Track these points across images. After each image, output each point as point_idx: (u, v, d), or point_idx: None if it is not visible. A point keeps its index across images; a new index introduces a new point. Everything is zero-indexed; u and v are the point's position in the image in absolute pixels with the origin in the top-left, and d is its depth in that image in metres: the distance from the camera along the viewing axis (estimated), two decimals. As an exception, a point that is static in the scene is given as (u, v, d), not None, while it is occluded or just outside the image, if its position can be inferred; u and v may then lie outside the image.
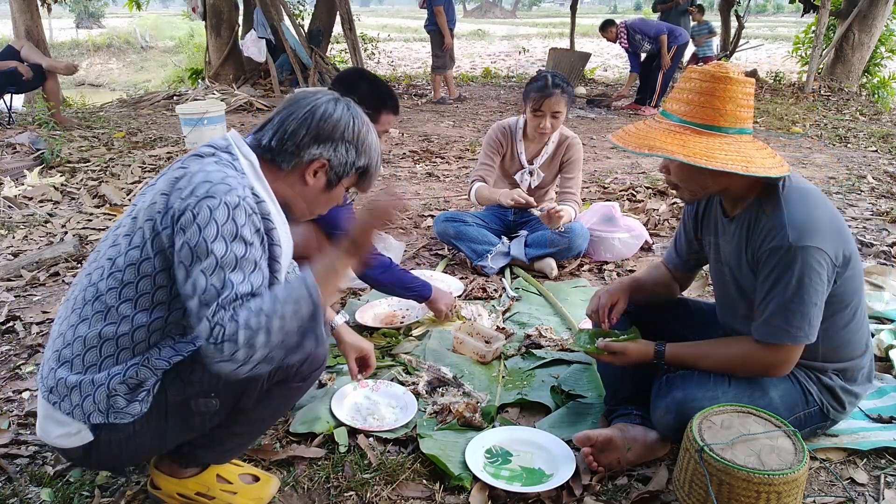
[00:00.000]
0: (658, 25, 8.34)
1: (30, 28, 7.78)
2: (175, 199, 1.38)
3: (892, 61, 10.40)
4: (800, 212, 1.61)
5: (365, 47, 11.90)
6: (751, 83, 1.61)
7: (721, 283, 1.88)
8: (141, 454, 1.56)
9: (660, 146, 1.60)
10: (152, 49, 21.63)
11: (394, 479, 1.81)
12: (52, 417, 1.47)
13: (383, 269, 2.49)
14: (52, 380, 1.45)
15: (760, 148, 1.63)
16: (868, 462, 1.88)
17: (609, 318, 1.99)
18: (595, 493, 1.77)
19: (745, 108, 1.60)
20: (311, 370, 1.62)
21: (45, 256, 3.36)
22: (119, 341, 1.43)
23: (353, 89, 2.22)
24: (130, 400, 1.44)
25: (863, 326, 1.79)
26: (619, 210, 3.65)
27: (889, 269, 3.13)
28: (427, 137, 6.78)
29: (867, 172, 5.37)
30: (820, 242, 1.58)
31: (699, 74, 1.61)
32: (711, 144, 1.58)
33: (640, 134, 1.66)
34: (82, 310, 1.46)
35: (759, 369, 1.72)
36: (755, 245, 1.67)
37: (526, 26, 34.33)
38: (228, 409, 1.54)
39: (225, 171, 1.42)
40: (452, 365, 2.38)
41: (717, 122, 1.59)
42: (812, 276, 1.58)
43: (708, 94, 1.59)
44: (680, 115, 1.63)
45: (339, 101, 1.56)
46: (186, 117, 5.77)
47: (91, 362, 1.44)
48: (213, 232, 1.33)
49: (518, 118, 3.38)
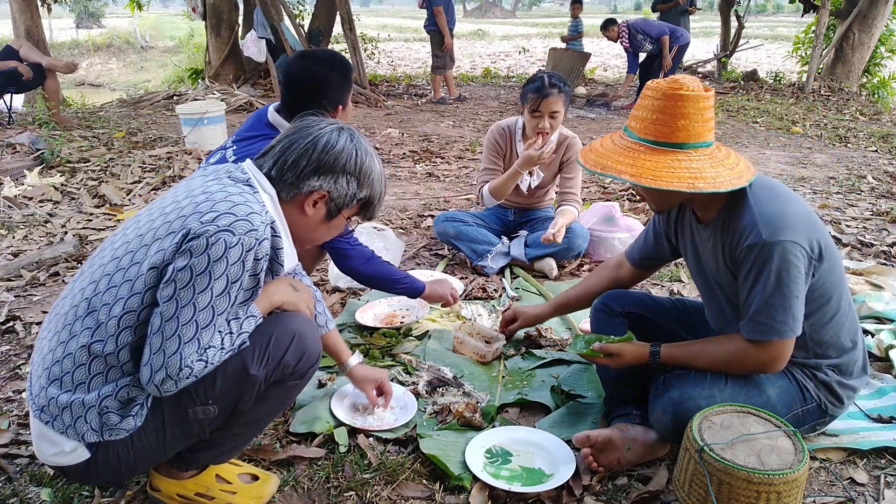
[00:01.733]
0: (660, 26, 8.35)
1: (30, 28, 7.79)
2: (194, 221, 1.37)
3: (892, 61, 10.40)
4: (769, 208, 1.63)
5: (365, 47, 11.91)
6: (706, 97, 1.61)
7: (707, 290, 1.90)
8: (141, 466, 1.54)
9: (611, 166, 1.63)
10: (152, 49, 21.63)
11: (394, 479, 1.81)
12: (46, 436, 1.44)
13: (364, 261, 2.41)
14: (43, 398, 1.42)
15: (719, 160, 1.64)
16: (868, 462, 1.88)
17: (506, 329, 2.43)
18: (595, 493, 1.77)
19: (699, 122, 1.61)
20: (307, 367, 1.61)
21: (45, 256, 3.36)
22: (108, 359, 1.41)
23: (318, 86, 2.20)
24: (124, 415, 1.43)
25: (849, 320, 1.79)
26: (619, 210, 3.65)
27: (889, 269, 3.13)
28: (427, 137, 6.78)
29: (867, 172, 5.38)
30: (793, 235, 1.59)
31: (652, 92, 1.62)
32: (661, 163, 1.60)
33: (599, 152, 1.70)
34: (73, 325, 1.42)
35: (753, 367, 1.73)
36: (731, 246, 1.69)
37: (526, 26, 34.33)
38: (227, 413, 1.53)
39: (250, 206, 1.42)
40: (452, 365, 2.38)
41: (670, 139, 1.61)
42: (790, 270, 1.59)
43: (661, 112, 1.60)
44: (637, 133, 1.65)
45: (343, 132, 1.56)
46: (186, 117, 5.77)
47: (80, 380, 1.41)
48: (220, 269, 1.36)
49: (517, 118, 3.38)
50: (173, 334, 1.35)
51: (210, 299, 1.36)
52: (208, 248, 1.34)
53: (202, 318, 1.37)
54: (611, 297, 2.12)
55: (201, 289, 1.35)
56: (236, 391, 1.50)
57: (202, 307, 1.36)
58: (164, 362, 1.34)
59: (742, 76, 11.14)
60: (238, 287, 1.41)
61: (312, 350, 1.60)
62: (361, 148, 1.57)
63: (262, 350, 1.50)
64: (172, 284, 1.35)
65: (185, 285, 1.34)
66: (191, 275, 1.34)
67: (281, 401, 1.66)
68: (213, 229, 1.35)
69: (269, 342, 1.52)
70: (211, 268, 1.35)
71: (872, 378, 2.24)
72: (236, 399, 1.51)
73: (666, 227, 2.01)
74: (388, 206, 4.45)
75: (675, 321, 2.08)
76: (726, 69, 11.93)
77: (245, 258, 1.38)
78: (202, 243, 1.34)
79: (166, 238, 1.38)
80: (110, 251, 1.47)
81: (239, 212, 1.39)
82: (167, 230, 1.39)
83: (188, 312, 1.35)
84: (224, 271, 1.36)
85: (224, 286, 1.37)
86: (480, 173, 3.41)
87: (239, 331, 1.46)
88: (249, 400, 1.53)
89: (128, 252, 1.43)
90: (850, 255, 3.53)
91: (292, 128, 1.58)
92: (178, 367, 1.35)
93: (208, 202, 1.40)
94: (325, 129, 1.54)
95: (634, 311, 2.07)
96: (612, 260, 2.26)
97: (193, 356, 1.37)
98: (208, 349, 1.39)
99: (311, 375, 1.67)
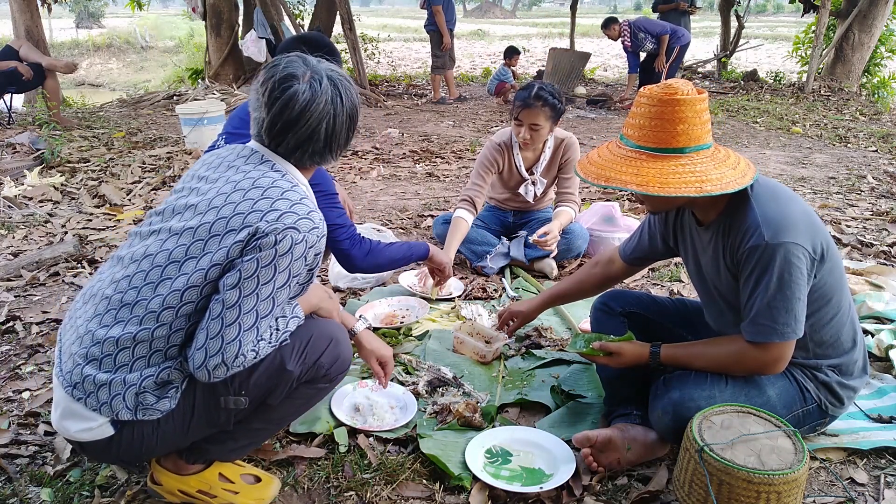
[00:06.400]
0: (662, 25, 8.35)
1: (30, 28, 7.79)
2: (256, 218, 1.41)
3: (892, 61, 10.39)
4: (772, 209, 1.63)
5: (365, 47, 11.90)
6: (701, 99, 1.60)
7: (706, 293, 1.89)
8: (161, 448, 1.56)
9: (615, 177, 1.62)
10: (152, 49, 21.64)
11: (394, 479, 1.81)
12: (75, 412, 1.45)
13: (366, 254, 2.41)
14: (77, 375, 1.44)
15: (721, 161, 1.64)
16: (868, 462, 1.88)
17: (508, 326, 2.38)
18: (595, 493, 1.77)
19: (697, 125, 1.60)
20: (338, 372, 1.67)
21: (45, 256, 3.36)
22: (153, 344, 1.43)
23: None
24: (160, 397, 1.46)
25: (849, 320, 1.79)
26: (619, 210, 3.66)
27: (889, 269, 3.13)
28: (427, 137, 6.78)
29: (867, 172, 5.38)
30: (795, 237, 1.59)
31: (647, 99, 1.61)
32: (665, 169, 1.59)
33: (599, 163, 1.68)
34: (118, 311, 1.45)
35: (753, 368, 1.72)
36: (733, 248, 1.68)
37: (526, 26, 34.33)
38: (256, 406, 1.57)
39: (306, 205, 1.47)
40: (452, 365, 2.38)
41: (671, 144, 1.60)
42: (792, 272, 1.59)
43: (658, 118, 1.60)
44: (635, 141, 1.64)
45: (314, 83, 1.52)
46: (186, 117, 5.77)
47: (122, 363, 1.43)
48: (285, 263, 1.42)
49: (510, 130, 3.34)
50: (234, 321, 1.39)
51: (272, 290, 1.42)
52: (276, 245, 1.40)
53: (262, 308, 1.42)
54: (611, 297, 2.12)
55: (265, 280, 1.41)
56: (270, 385, 1.54)
57: (264, 297, 1.42)
58: (222, 348, 1.38)
59: (742, 76, 11.14)
60: (297, 281, 1.48)
61: (345, 356, 1.67)
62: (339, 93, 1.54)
63: (300, 348, 1.56)
64: (237, 274, 1.39)
65: (251, 275, 1.40)
66: (257, 265, 1.40)
67: (306, 401, 1.69)
68: (280, 227, 1.41)
69: (308, 342, 1.58)
70: (276, 261, 1.41)
71: (872, 378, 2.25)
72: (268, 393, 1.55)
73: (663, 229, 2.00)
74: (388, 206, 4.45)
75: (675, 321, 2.08)
76: (726, 69, 11.92)
77: (307, 254, 1.46)
78: (271, 240, 1.40)
79: (226, 236, 1.42)
80: (155, 243, 1.49)
81: (300, 210, 1.45)
82: (224, 227, 1.43)
83: (251, 302, 1.40)
84: (288, 265, 1.43)
85: (286, 279, 1.44)
86: (467, 185, 3.33)
87: (284, 328, 1.51)
88: (280, 395, 1.57)
89: (179, 245, 1.45)
90: (850, 255, 3.53)
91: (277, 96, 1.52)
92: (235, 355, 1.39)
93: (265, 199, 1.44)
94: (305, 96, 1.50)
95: (635, 311, 2.07)
96: (605, 255, 2.24)
97: (250, 345, 1.42)
98: (261, 341, 1.44)
99: (340, 381, 1.74)
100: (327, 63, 1.57)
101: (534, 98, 3.03)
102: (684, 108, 1.58)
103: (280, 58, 1.55)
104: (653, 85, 1.64)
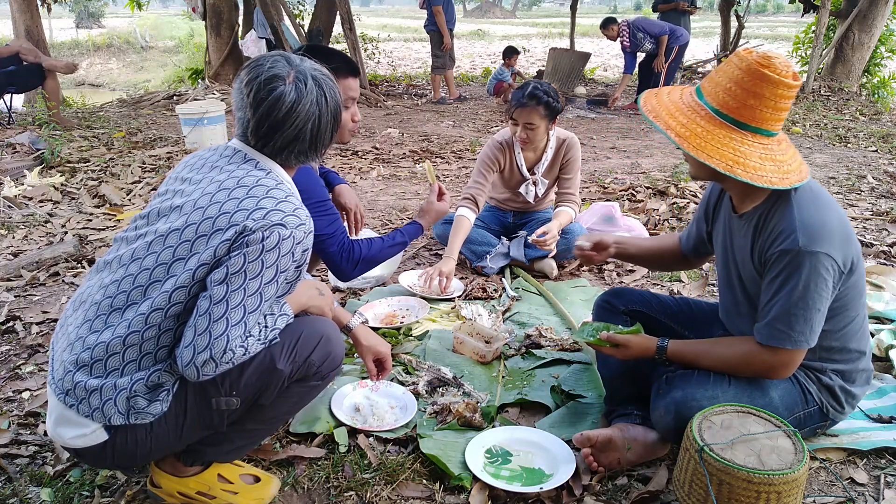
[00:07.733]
0: (661, 25, 8.34)
1: (30, 28, 7.79)
2: (241, 216, 1.42)
3: (892, 61, 10.38)
4: (811, 215, 1.58)
5: (365, 47, 11.91)
6: (789, 85, 1.51)
7: (726, 280, 1.87)
8: (155, 452, 1.56)
9: (665, 119, 1.61)
10: (152, 49, 21.63)
11: (394, 479, 1.81)
12: (68, 420, 1.45)
13: (355, 266, 2.35)
14: (69, 382, 1.44)
15: (771, 153, 1.57)
16: (868, 462, 1.88)
17: (597, 255, 2.11)
18: (595, 493, 1.77)
19: (770, 108, 1.54)
20: (330, 370, 1.66)
21: (45, 256, 3.36)
22: (143, 347, 1.43)
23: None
24: (151, 400, 1.45)
25: (862, 330, 1.78)
26: (619, 210, 3.66)
27: (889, 269, 3.13)
28: (427, 137, 6.78)
29: (867, 172, 5.37)
30: (829, 249, 1.56)
31: (738, 60, 1.54)
32: (712, 134, 1.56)
33: (663, 102, 1.65)
34: (108, 316, 1.45)
35: (760, 371, 1.72)
36: (764, 246, 1.65)
37: (526, 26, 34.33)
38: (248, 406, 1.56)
39: (292, 202, 1.47)
40: (452, 365, 2.38)
41: (734, 114, 1.56)
42: (819, 283, 1.56)
43: (736, 83, 1.53)
44: (705, 96, 1.61)
45: (299, 84, 1.51)
46: (186, 117, 5.76)
47: (113, 367, 1.43)
48: (273, 258, 1.42)
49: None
50: (221, 316, 1.39)
51: (259, 286, 1.42)
52: (263, 241, 1.40)
53: (250, 304, 1.42)
54: (614, 294, 2.11)
55: (253, 275, 1.41)
56: (261, 384, 1.53)
57: (252, 292, 1.41)
58: (210, 343, 1.38)
59: (742, 76, 11.11)
60: (284, 277, 1.47)
61: (337, 353, 1.66)
62: (321, 92, 1.54)
63: (290, 347, 1.55)
64: (224, 269, 1.39)
65: (238, 270, 1.39)
66: (244, 260, 1.40)
67: (299, 400, 1.68)
68: (267, 223, 1.41)
69: (297, 340, 1.57)
70: (263, 256, 1.41)
71: (873, 379, 2.24)
72: (259, 392, 1.55)
73: (705, 209, 1.97)
74: (388, 206, 4.45)
75: (679, 321, 2.07)
76: (726, 69, 11.90)
77: (294, 250, 1.45)
78: (258, 237, 1.40)
79: (213, 235, 1.42)
80: (142, 247, 1.49)
81: (286, 207, 1.45)
82: (211, 227, 1.43)
83: (238, 297, 1.40)
84: (275, 261, 1.42)
85: (274, 274, 1.44)
86: (469, 184, 3.34)
87: (273, 326, 1.50)
88: (271, 395, 1.57)
89: (166, 247, 1.45)
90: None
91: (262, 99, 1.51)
92: (223, 350, 1.38)
93: (251, 198, 1.44)
94: (291, 98, 1.49)
95: (638, 310, 2.06)
96: (673, 236, 2.19)
97: (238, 340, 1.41)
98: (249, 337, 1.43)
99: (332, 378, 1.72)
100: (310, 62, 1.57)
101: (528, 97, 3.03)
102: (766, 86, 1.52)
103: (262, 56, 1.54)
104: (753, 51, 1.55)
